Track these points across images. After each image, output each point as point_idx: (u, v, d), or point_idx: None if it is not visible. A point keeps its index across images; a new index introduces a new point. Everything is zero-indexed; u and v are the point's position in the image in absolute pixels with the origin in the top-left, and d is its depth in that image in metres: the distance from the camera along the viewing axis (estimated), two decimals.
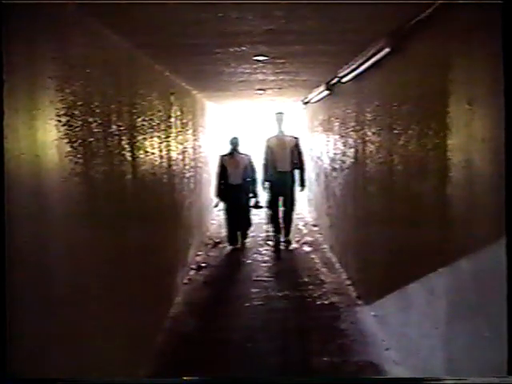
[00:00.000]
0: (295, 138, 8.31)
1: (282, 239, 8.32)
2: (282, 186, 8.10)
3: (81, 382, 2.45)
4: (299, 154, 8.20)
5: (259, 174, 8.29)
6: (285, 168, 8.09)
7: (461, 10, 2.71)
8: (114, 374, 3.07)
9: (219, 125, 12.97)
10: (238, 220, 8.11)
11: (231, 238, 8.20)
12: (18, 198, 2.01)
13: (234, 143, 8.06)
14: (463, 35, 2.75)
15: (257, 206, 8.26)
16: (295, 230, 9.21)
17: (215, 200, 8.33)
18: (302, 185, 8.39)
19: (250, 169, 8.02)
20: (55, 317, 2.35)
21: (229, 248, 8.23)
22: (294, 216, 8.60)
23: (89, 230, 2.88)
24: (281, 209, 8.37)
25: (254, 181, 8.11)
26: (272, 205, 8.28)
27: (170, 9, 2.97)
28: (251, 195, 8.15)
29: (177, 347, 4.56)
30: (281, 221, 8.30)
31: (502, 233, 2.22)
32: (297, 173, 8.23)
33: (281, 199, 8.28)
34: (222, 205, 8.33)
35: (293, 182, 8.18)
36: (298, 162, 8.16)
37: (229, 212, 8.14)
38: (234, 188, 7.91)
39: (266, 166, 8.21)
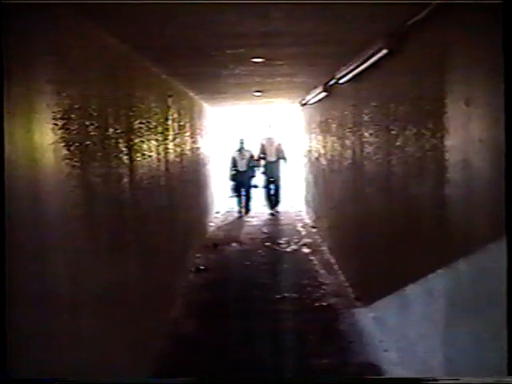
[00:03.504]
0: (278, 139, 12.01)
1: (272, 210, 11.74)
2: (272, 171, 11.81)
3: (81, 382, 2.44)
4: (281, 149, 11.84)
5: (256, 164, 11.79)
6: (273, 159, 11.79)
7: (459, 9, 2.71)
8: (114, 375, 3.06)
9: (218, 127, 13.03)
10: (246, 195, 11.70)
11: (238, 205, 11.69)
12: (15, 201, 2.00)
13: (241, 142, 11.61)
14: (461, 35, 2.74)
15: (254, 186, 11.81)
16: (294, 231, 9.74)
17: (228, 181, 11.85)
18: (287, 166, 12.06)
19: (251, 160, 11.61)
20: (55, 317, 2.35)
21: (228, 250, 8.38)
22: (281, 193, 12.04)
23: (87, 232, 2.87)
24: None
25: (253, 169, 11.70)
26: (266, 185, 11.86)
27: (166, 11, 2.97)
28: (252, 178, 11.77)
29: (176, 350, 4.56)
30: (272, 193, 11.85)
31: (502, 233, 2.21)
32: (282, 162, 11.83)
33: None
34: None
35: (279, 168, 11.85)
36: (282, 155, 11.82)
37: (237, 189, 11.70)
38: (241, 173, 11.59)
39: (260, 158, 11.83)
